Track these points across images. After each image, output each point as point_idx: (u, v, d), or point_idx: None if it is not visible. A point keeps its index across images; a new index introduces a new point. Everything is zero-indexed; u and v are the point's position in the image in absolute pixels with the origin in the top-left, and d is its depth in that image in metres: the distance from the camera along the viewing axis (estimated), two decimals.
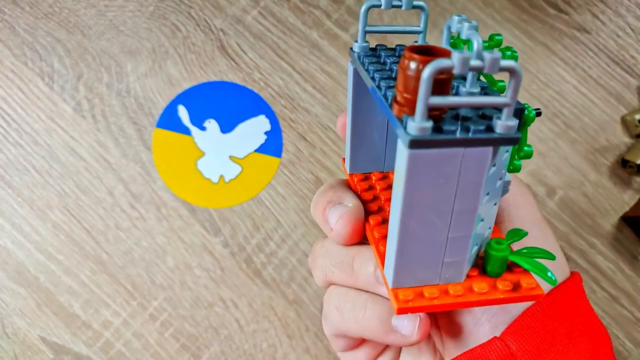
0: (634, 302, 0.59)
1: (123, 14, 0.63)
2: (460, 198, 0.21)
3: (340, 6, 0.62)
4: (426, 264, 0.23)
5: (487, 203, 0.23)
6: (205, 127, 0.62)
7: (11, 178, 0.61)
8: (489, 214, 0.24)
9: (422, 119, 0.18)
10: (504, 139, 0.20)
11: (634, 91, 0.61)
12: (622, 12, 0.61)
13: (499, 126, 0.20)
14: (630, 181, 0.60)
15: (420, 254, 0.22)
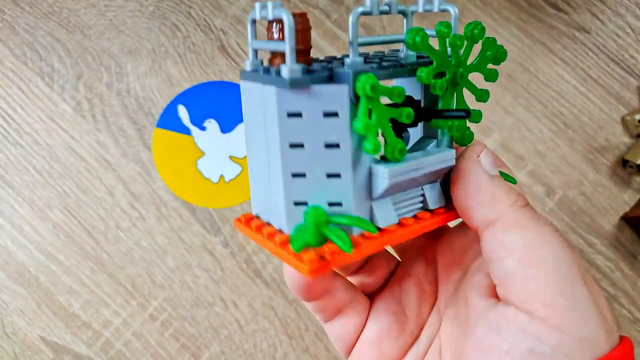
0: (633, 302, 0.59)
1: (123, 14, 0.63)
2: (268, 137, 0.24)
3: (339, 6, 0.62)
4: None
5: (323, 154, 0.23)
6: (205, 127, 0.62)
7: (11, 178, 0.61)
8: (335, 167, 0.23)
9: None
10: (280, 81, 0.22)
11: (633, 91, 0.61)
12: (622, 12, 0.61)
13: (285, 70, 0.22)
14: (630, 181, 0.60)
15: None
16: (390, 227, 0.25)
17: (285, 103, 0.23)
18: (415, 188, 0.26)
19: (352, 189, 0.23)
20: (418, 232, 0.25)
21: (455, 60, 0.25)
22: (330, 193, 0.24)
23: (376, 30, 0.62)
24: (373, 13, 0.25)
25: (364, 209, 0.24)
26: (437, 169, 0.25)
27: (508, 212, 0.25)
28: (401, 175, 0.24)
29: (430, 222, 0.26)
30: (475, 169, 0.26)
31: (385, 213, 0.25)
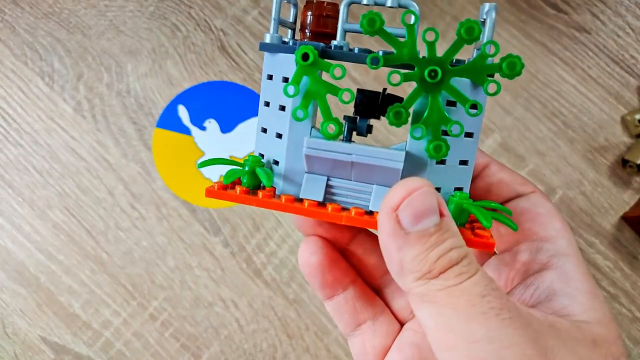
0: (633, 301, 0.59)
1: (123, 14, 0.63)
2: None
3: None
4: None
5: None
6: (205, 127, 0.62)
7: (11, 178, 0.61)
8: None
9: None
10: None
11: (633, 91, 0.61)
12: (622, 12, 0.61)
13: (266, 37, 0.26)
14: (630, 181, 0.60)
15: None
16: (310, 201, 0.25)
17: (266, 66, 0.26)
18: (366, 183, 0.25)
19: (285, 150, 0.25)
20: (327, 217, 0.24)
21: (429, 56, 0.23)
22: (274, 151, 0.26)
23: None
24: (366, 3, 0.25)
25: (296, 175, 0.26)
26: (374, 164, 0.24)
27: (416, 286, 0.21)
28: (320, 150, 0.24)
29: (350, 218, 0.24)
30: (385, 227, 0.21)
31: (311, 187, 0.25)
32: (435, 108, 0.23)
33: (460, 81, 0.24)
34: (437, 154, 0.23)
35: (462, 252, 0.21)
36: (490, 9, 0.24)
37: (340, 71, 0.23)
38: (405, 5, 0.24)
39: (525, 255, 0.27)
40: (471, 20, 0.22)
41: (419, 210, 0.21)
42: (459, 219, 0.24)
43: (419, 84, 0.23)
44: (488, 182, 0.30)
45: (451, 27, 0.62)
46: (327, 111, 0.24)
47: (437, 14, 0.62)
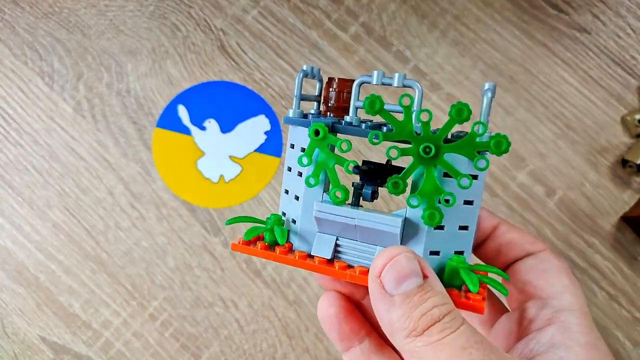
0: (633, 302, 0.59)
1: (123, 14, 0.62)
2: None
3: (339, 6, 0.62)
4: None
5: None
6: (205, 127, 0.62)
7: (11, 178, 0.61)
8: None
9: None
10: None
11: (634, 91, 0.61)
12: (623, 13, 0.61)
13: (289, 112, 0.30)
14: (630, 181, 0.60)
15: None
16: (319, 258, 0.28)
17: (290, 136, 0.30)
18: (370, 244, 0.28)
19: (301, 211, 0.29)
20: (333, 274, 0.27)
21: (424, 134, 0.25)
22: (293, 211, 0.30)
23: (376, 29, 0.62)
24: (374, 84, 0.28)
25: (309, 233, 0.29)
26: (373, 228, 0.27)
27: (404, 344, 0.23)
28: (328, 214, 0.27)
29: (353, 276, 0.27)
30: (373, 292, 0.24)
31: (322, 245, 0.28)
32: (429, 180, 0.26)
33: (458, 158, 0.26)
34: (431, 221, 0.26)
35: (445, 309, 0.23)
36: (488, 89, 0.26)
37: (347, 145, 0.26)
38: (409, 85, 0.27)
39: (532, 312, 0.28)
40: (461, 103, 0.24)
41: (399, 274, 0.23)
42: (454, 281, 0.26)
43: (415, 158, 0.26)
44: (498, 243, 0.31)
45: (452, 26, 0.61)
46: (335, 179, 0.27)
47: (438, 13, 0.62)
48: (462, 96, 0.61)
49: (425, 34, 0.62)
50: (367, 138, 0.26)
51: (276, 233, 0.28)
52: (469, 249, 0.28)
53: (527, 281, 0.29)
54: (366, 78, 0.28)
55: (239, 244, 0.29)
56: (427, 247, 0.27)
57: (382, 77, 0.27)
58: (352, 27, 0.62)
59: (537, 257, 0.30)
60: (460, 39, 0.61)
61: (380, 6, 0.62)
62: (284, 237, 0.28)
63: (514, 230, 0.31)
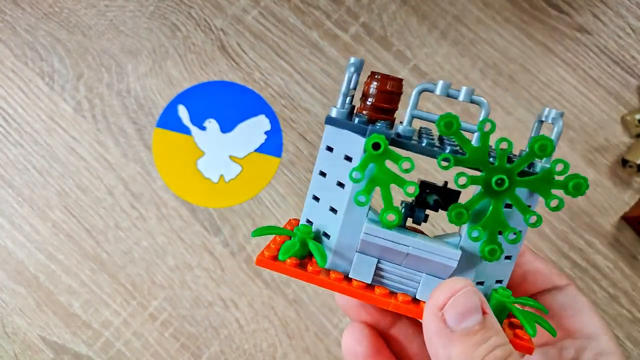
0: (633, 302, 0.59)
1: (123, 14, 0.63)
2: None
3: (340, 7, 0.62)
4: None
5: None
6: (205, 127, 0.62)
7: (11, 178, 0.61)
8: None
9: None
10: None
11: (633, 91, 0.61)
12: (623, 13, 0.61)
13: (332, 111, 0.26)
14: (630, 181, 0.60)
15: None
16: (358, 282, 0.26)
17: (327, 137, 0.26)
18: (415, 271, 0.26)
19: (339, 227, 0.26)
20: (375, 302, 0.25)
21: (499, 164, 0.23)
22: (326, 224, 0.27)
23: (376, 30, 0.62)
24: (438, 94, 0.25)
25: (347, 253, 0.26)
26: (428, 258, 0.25)
27: None
28: (376, 237, 0.25)
29: (397, 305, 0.25)
30: (430, 326, 0.22)
31: (361, 268, 0.26)
32: (496, 213, 0.24)
33: (520, 188, 0.24)
34: (492, 257, 0.24)
35: (507, 350, 0.21)
36: (557, 116, 0.25)
37: (409, 165, 0.23)
38: (477, 102, 0.25)
39: (571, 352, 0.28)
40: (545, 138, 0.22)
41: (463, 310, 0.22)
42: (500, 316, 0.25)
43: (484, 188, 0.24)
44: (525, 270, 0.30)
45: (452, 27, 0.61)
46: (389, 200, 0.24)
47: (438, 13, 0.62)
48: None
49: (425, 34, 0.62)
50: (437, 162, 0.23)
51: (313, 251, 0.25)
52: (507, 278, 0.27)
53: (561, 317, 0.29)
54: (429, 86, 0.25)
55: (266, 258, 0.26)
56: (476, 278, 0.25)
57: (448, 89, 0.25)
58: (352, 27, 0.62)
59: (567, 293, 0.29)
60: (460, 39, 0.61)
61: (380, 6, 0.62)
62: (324, 258, 0.25)
63: (539, 259, 0.31)
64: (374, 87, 0.27)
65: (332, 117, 0.26)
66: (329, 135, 0.26)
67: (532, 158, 0.23)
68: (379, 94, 0.27)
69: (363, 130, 0.25)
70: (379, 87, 0.27)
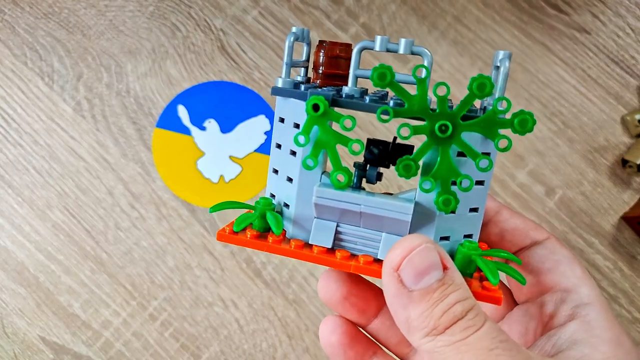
0: (633, 302, 0.59)
1: (123, 14, 0.63)
2: None
3: (339, 7, 0.62)
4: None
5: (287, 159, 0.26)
6: (205, 127, 0.62)
7: (11, 178, 0.61)
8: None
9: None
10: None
11: (633, 91, 0.61)
12: (622, 13, 0.61)
13: (278, 81, 0.26)
14: (629, 181, 0.60)
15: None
16: (319, 247, 0.25)
17: (278, 109, 0.27)
18: (375, 231, 0.25)
19: (296, 195, 0.26)
20: (335, 265, 0.25)
21: (440, 110, 0.23)
22: (285, 194, 0.27)
23: (376, 30, 0.62)
24: (378, 49, 0.25)
25: (306, 220, 0.26)
26: (381, 215, 0.24)
27: (424, 343, 0.21)
28: (329, 200, 0.24)
29: (358, 267, 0.24)
30: (389, 287, 0.22)
31: (321, 233, 0.25)
32: (445, 162, 0.23)
33: (470, 134, 0.24)
34: (446, 207, 0.23)
35: (467, 304, 0.21)
36: (504, 57, 0.24)
37: (351, 123, 0.23)
38: (418, 53, 0.24)
39: (550, 307, 0.27)
40: (483, 76, 0.22)
41: (419, 268, 0.21)
42: (467, 269, 0.24)
43: (430, 137, 0.23)
44: (502, 229, 0.30)
45: (452, 27, 0.62)
46: (337, 161, 0.24)
47: (438, 14, 0.62)
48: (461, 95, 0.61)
49: (425, 34, 0.62)
50: (375, 114, 0.23)
51: (269, 220, 0.25)
52: (477, 232, 0.26)
53: (540, 272, 0.28)
54: (368, 43, 0.24)
55: (227, 233, 0.26)
56: (438, 233, 0.25)
57: (387, 43, 0.24)
58: (352, 27, 0.62)
59: (545, 247, 0.29)
60: (459, 39, 0.62)
61: (380, 7, 0.62)
62: (279, 226, 0.25)
63: (517, 216, 0.30)
64: (322, 54, 0.27)
65: (278, 87, 0.26)
66: (279, 107, 0.27)
67: (472, 99, 0.22)
68: (328, 60, 0.27)
69: (305, 95, 0.25)
70: (326, 53, 0.27)
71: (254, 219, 0.26)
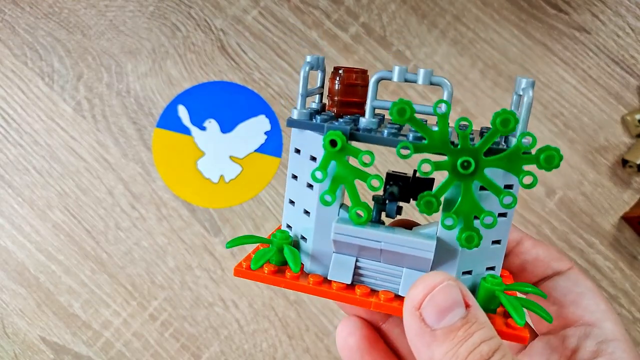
0: (633, 302, 0.59)
1: (123, 14, 0.63)
2: None
3: (339, 7, 0.62)
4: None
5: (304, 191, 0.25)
6: (205, 127, 0.62)
7: (11, 178, 0.61)
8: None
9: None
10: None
11: (633, 91, 0.61)
12: (622, 12, 0.61)
13: (294, 112, 0.26)
14: (630, 181, 0.60)
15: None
16: (338, 283, 0.25)
17: (294, 140, 0.26)
18: (395, 266, 0.25)
19: (313, 229, 0.25)
20: (355, 302, 0.24)
21: (462, 145, 0.22)
22: (302, 227, 0.26)
23: (376, 29, 0.62)
24: (396, 80, 0.24)
25: (324, 255, 0.25)
26: (402, 252, 0.24)
27: None
28: (348, 236, 0.24)
29: (379, 304, 0.24)
30: (411, 326, 0.21)
31: (339, 269, 0.25)
32: (467, 198, 0.23)
33: (492, 168, 0.23)
34: (469, 244, 0.23)
35: (493, 344, 0.20)
36: (527, 86, 0.23)
37: (369, 158, 0.23)
38: (437, 83, 0.23)
39: (573, 341, 0.27)
40: (507, 112, 0.21)
41: (442, 306, 0.20)
42: (490, 305, 0.24)
43: (451, 173, 0.22)
44: (523, 260, 0.29)
45: (451, 26, 0.62)
46: (356, 196, 0.24)
47: (438, 13, 0.62)
48: (461, 95, 0.61)
49: (425, 33, 0.62)
50: (395, 149, 0.22)
51: (287, 257, 0.25)
52: (499, 264, 0.25)
53: (562, 304, 0.27)
54: (385, 74, 0.24)
55: (244, 269, 0.25)
56: (460, 268, 0.24)
57: (405, 73, 0.23)
58: (352, 27, 0.62)
59: (568, 278, 0.28)
60: (459, 39, 0.62)
61: (380, 6, 0.62)
62: (297, 262, 0.24)
63: (539, 245, 0.29)
64: (337, 82, 0.26)
65: (293, 119, 0.25)
66: (295, 138, 0.26)
67: (495, 135, 0.22)
68: (343, 88, 0.26)
69: (322, 128, 0.24)
70: (342, 81, 0.26)
71: (271, 254, 0.25)
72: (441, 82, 0.23)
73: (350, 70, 0.26)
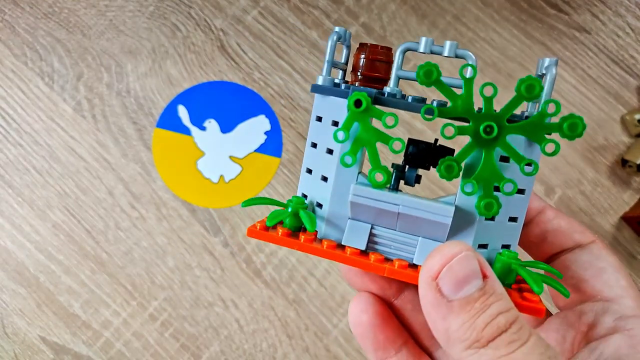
0: None
1: (123, 14, 0.63)
2: None
3: (339, 6, 0.62)
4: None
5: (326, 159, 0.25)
6: (205, 127, 0.62)
7: (11, 178, 0.61)
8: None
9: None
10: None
11: (633, 91, 0.61)
12: (622, 12, 0.62)
13: (319, 79, 0.26)
14: (629, 181, 0.60)
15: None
16: (352, 248, 0.25)
17: (316, 107, 0.26)
18: (411, 235, 0.24)
19: (330, 195, 0.25)
20: (369, 268, 0.24)
21: (485, 110, 0.22)
22: (319, 194, 0.26)
23: (376, 29, 0.62)
24: (422, 51, 0.24)
25: (339, 220, 0.25)
26: (420, 216, 0.23)
27: (466, 356, 0.20)
28: (365, 198, 0.24)
29: (393, 270, 0.23)
30: (427, 297, 0.21)
31: (355, 235, 0.25)
32: (488, 164, 0.22)
33: (514, 137, 0.23)
34: (488, 211, 0.23)
35: (511, 316, 0.20)
36: (551, 64, 0.24)
37: (393, 120, 0.22)
38: (462, 56, 0.24)
39: (591, 317, 0.26)
40: (532, 78, 0.21)
41: (459, 277, 0.20)
42: (506, 279, 0.23)
43: (473, 138, 0.23)
44: (544, 230, 0.28)
45: (451, 26, 0.62)
46: (377, 159, 0.23)
47: (438, 13, 0.62)
48: None
49: (425, 33, 0.62)
50: (420, 113, 0.22)
51: (303, 218, 0.24)
52: (515, 243, 0.25)
53: (581, 279, 0.27)
54: (412, 45, 0.24)
55: (258, 229, 0.25)
56: (476, 240, 0.24)
57: (432, 45, 0.24)
58: (352, 27, 0.62)
59: (590, 252, 0.27)
60: (459, 38, 0.62)
61: (380, 6, 0.62)
62: (313, 223, 0.24)
63: (562, 216, 0.28)
64: (363, 57, 0.27)
65: (318, 85, 0.26)
66: (317, 105, 0.26)
67: (520, 101, 0.22)
68: (368, 62, 0.27)
69: (346, 94, 0.24)
70: (367, 55, 0.27)
71: (286, 216, 0.25)
72: (465, 55, 0.24)
73: (376, 46, 0.27)
